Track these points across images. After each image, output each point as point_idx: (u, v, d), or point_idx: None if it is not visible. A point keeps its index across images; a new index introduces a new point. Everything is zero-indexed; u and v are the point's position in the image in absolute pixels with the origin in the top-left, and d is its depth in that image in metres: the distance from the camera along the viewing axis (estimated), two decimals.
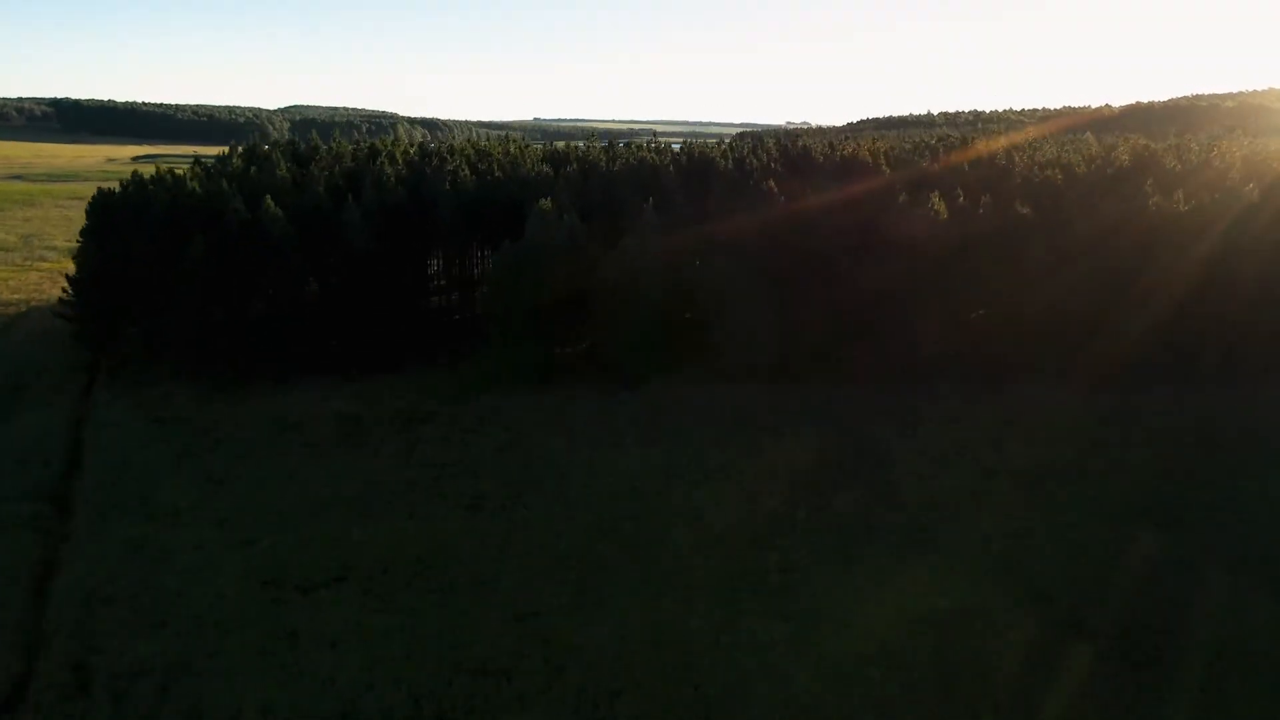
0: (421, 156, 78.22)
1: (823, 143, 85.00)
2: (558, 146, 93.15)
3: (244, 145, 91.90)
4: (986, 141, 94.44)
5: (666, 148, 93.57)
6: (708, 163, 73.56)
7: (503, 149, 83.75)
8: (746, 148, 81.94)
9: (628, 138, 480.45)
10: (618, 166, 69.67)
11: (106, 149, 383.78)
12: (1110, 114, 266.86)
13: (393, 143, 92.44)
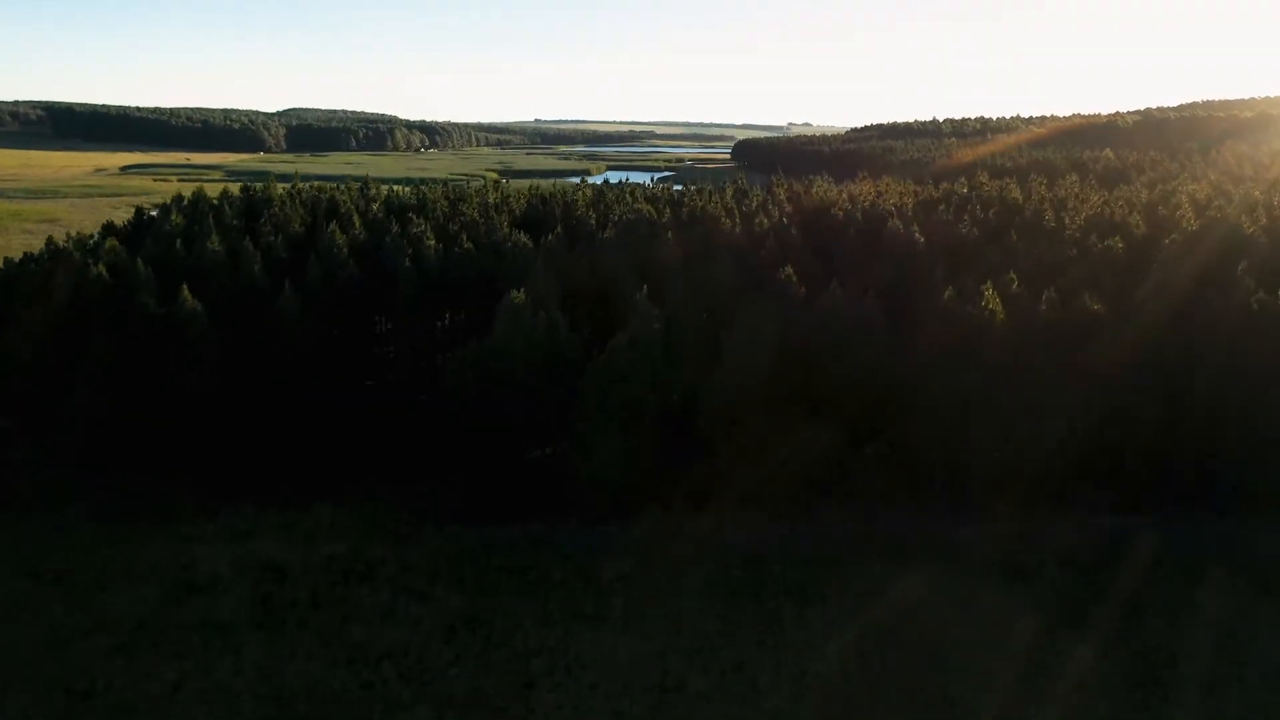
0: (387, 213, 68.15)
1: (841, 195, 74.96)
2: (544, 192, 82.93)
3: (195, 192, 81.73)
4: (1016, 186, 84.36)
5: (664, 191, 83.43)
6: (711, 224, 63.45)
7: (480, 200, 73.63)
8: (754, 201, 71.77)
9: (628, 141, 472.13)
10: (608, 231, 59.51)
11: (97, 156, 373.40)
12: (1124, 124, 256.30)
13: (359, 190, 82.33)
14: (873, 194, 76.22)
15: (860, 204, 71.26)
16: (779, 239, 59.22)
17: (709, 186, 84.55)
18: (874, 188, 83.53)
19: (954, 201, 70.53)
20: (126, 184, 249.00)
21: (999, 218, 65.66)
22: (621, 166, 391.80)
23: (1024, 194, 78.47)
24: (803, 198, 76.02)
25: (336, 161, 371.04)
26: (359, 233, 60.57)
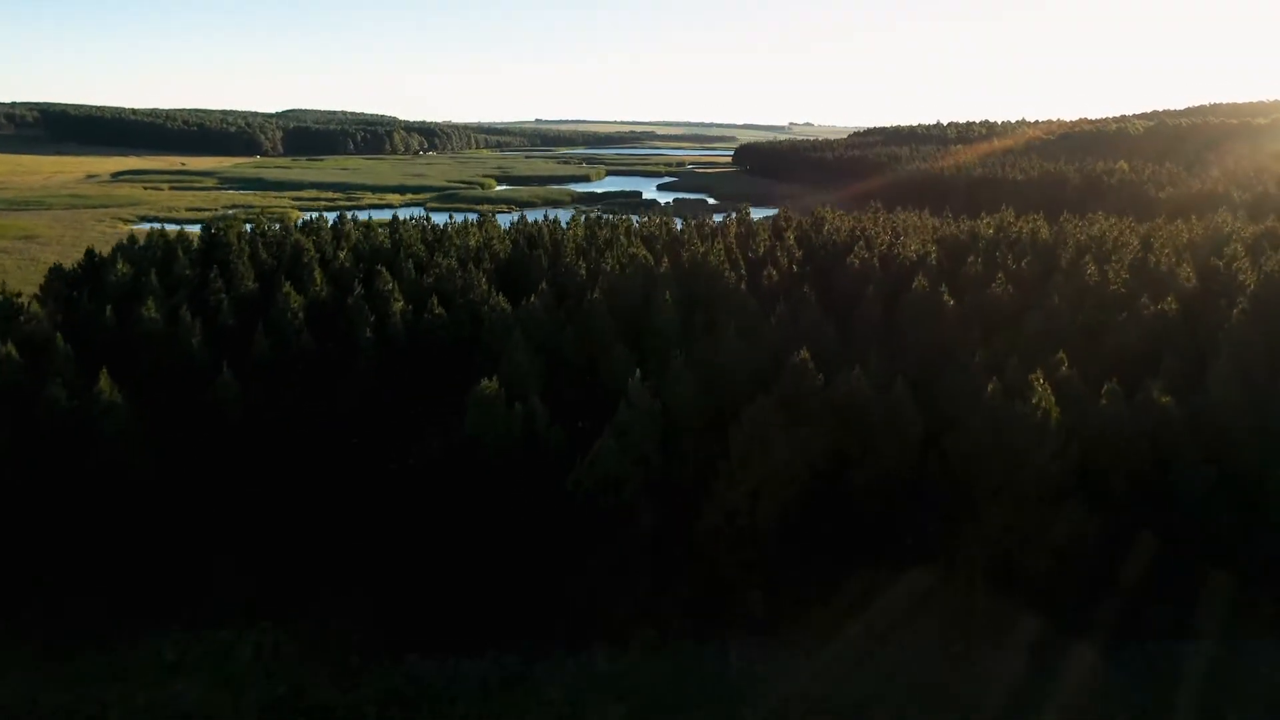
0: (355, 261, 61.21)
1: (855, 233, 67.87)
2: (530, 230, 76.00)
3: (154, 229, 74.70)
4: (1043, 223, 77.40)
5: (662, 229, 76.39)
6: (713, 279, 56.51)
7: (460, 243, 66.70)
8: (761, 244, 64.77)
9: (629, 142, 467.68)
10: (598, 290, 52.49)
11: (90, 161, 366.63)
12: (1135, 131, 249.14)
13: (331, 229, 75.42)
14: (889, 234, 69.31)
15: (877, 248, 64.35)
16: (791, 303, 52.29)
17: (710, 223, 77.63)
18: (890, 224, 76.60)
19: (981, 248, 63.56)
20: (115, 193, 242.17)
21: (1033, 269, 58.74)
22: (622, 171, 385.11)
23: (1055, 234, 71.56)
24: (813, 237, 69.08)
25: (332, 166, 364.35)
26: (319, 290, 53.72)
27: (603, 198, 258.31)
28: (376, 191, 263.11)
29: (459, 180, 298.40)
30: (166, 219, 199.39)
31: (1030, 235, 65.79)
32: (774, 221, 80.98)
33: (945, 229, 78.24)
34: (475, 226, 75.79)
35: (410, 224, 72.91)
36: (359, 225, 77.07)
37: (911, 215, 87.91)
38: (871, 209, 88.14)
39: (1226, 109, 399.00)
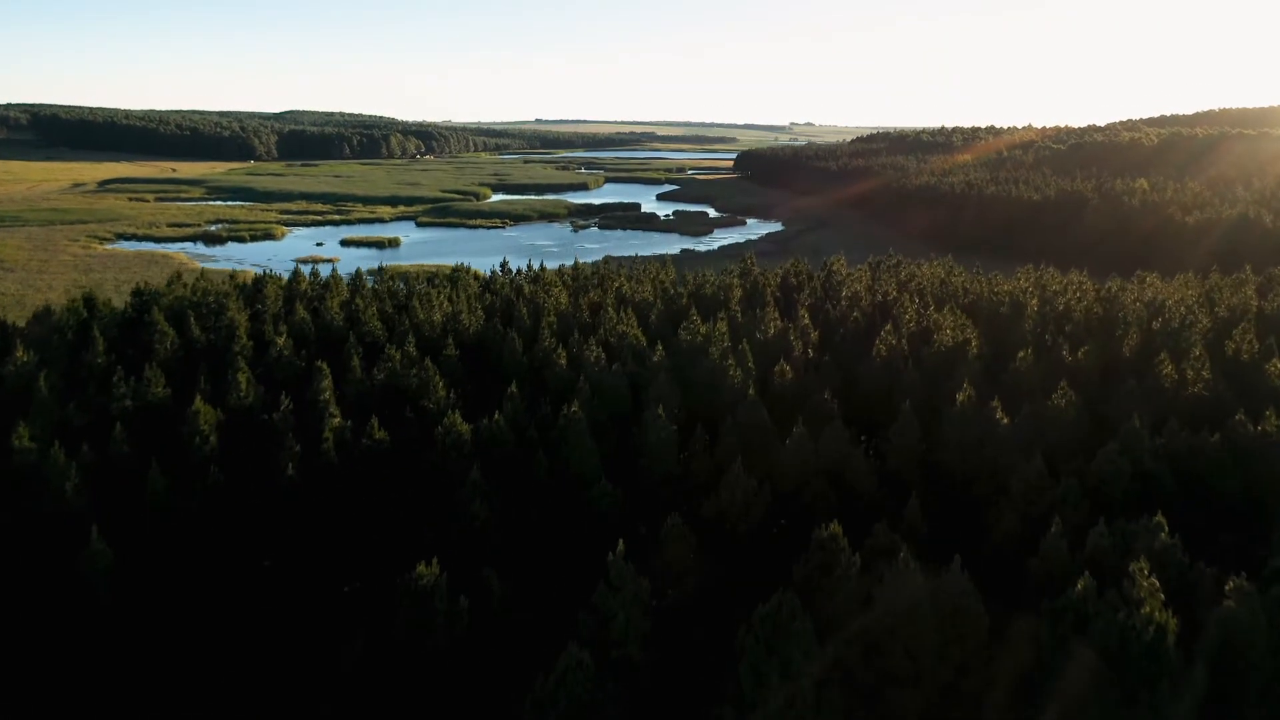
0: (296, 348, 51.74)
1: (880, 307, 58.36)
2: (508, 293, 66.43)
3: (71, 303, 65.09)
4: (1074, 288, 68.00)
5: (657, 290, 66.91)
6: (716, 376, 47.11)
7: (425, 318, 57.25)
8: (770, 320, 55.13)
9: (629, 144, 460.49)
10: (576, 405, 42.95)
11: (79, 168, 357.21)
12: (1148, 144, 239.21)
13: (284, 288, 65.90)
14: (915, 301, 59.87)
15: (904, 327, 54.96)
16: (809, 414, 42.95)
17: (710, 282, 68.17)
18: (912, 283, 67.09)
19: (1027, 329, 54.11)
20: (98, 205, 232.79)
21: (1094, 361, 49.36)
22: (621, 178, 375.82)
23: (1107, 303, 62.17)
24: (829, 310, 59.60)
25: (325, 173, 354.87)
26: (244, 395, 44.38)
27: (600, 210, 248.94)
28: (368, 204, 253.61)
29: (453, 190, 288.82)
30: (145, 237, 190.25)
31: (1084, 312, 56.32)
32: (783, 278, 71.54)
33: (975, 288, 68.85)
34: (444, 290, 66.34)
35: (370, 292, 63.35)
36: (314, 286, 67.60)
37: (934, 267, 78.48)
38: (888, 262, 78.57)
39: (1236, 114, 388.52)
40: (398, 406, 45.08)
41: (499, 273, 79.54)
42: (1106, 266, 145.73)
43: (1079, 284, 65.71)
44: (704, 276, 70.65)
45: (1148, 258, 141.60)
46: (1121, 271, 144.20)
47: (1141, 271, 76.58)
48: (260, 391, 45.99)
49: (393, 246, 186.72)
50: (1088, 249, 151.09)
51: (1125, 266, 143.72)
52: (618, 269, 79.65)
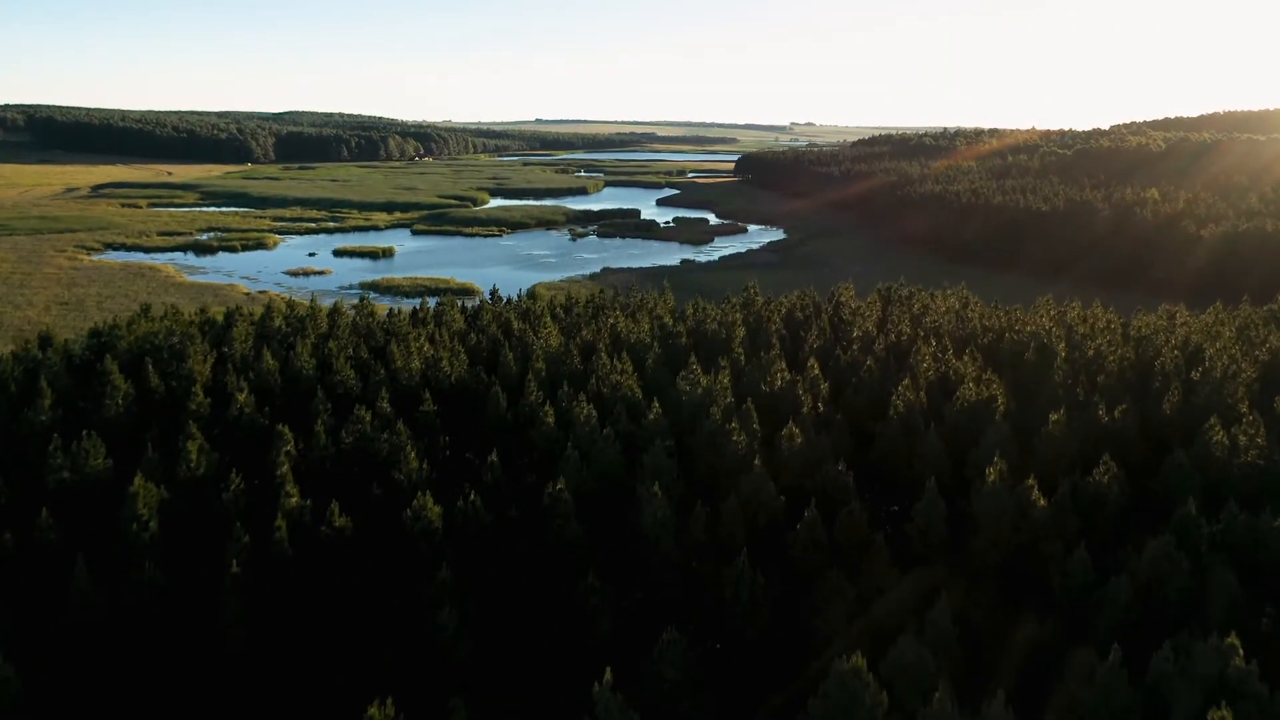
0: (259, 404, 47.09)
1: (892, 337, 53.50)
2: (494, 333, 61.68)
3: (16, 352, 60.41)
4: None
5: (655, 327, 62.21)
6: (718, 440, 42.48)
7: (403, 364, 52.59)
8: (777, 372, 50.38)
9: (629, 145, 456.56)
10: (561, 482, 38.29)
11: (74, 171, 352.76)
12: (1156, 149, 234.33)
13: (255, 328, 61.05)
14: (932, 344, 55.23)
15: (922, 378, 50.32)
16: (820, 486, 38.40)
17: (714, 320, 63.46)
18: (927, 322, 62.37)
19: (1057, 380, 49.43)
20: (88, 213, 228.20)
21: (1133, 421, 44.71)
22: (621, 181, 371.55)
23: (1135, 341, 57.59)
24: (840, 355, 54.92)
25: (322, 177, 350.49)
26: (195, 466, 39.83)
27: (599, 216, 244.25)
28: (363, 210, 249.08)
29: (451, 195, 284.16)
30: (134, 246, 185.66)
31: (1117, 361, 51.62)
32: (789, 313, 66.93)
33: (994, 323, 64.27)
34: (428, 327, 61.76)
35: (347, 329, 58.62)
36: (289, 322, 62.97)
37: (949, 298, 73.79)
38: (899, 292, 73.93)
39: (1241, 117, 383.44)
40: (366, 478, 40.52)
41: (489, 303, 74.97)
42: (1120, 281, 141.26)
43: (1106, 323, 61.08)
44: (704, 310, 66.07)
45: (1163, 273, 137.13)
46: (1136, 287, 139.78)
47: (1168, 305, 71.89)
48: (214, 460, 41.40)
49: (386, 257, 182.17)
50: (1099, 262, 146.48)
51: (1139, 282, 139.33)
52: (613, 299, 75.10)
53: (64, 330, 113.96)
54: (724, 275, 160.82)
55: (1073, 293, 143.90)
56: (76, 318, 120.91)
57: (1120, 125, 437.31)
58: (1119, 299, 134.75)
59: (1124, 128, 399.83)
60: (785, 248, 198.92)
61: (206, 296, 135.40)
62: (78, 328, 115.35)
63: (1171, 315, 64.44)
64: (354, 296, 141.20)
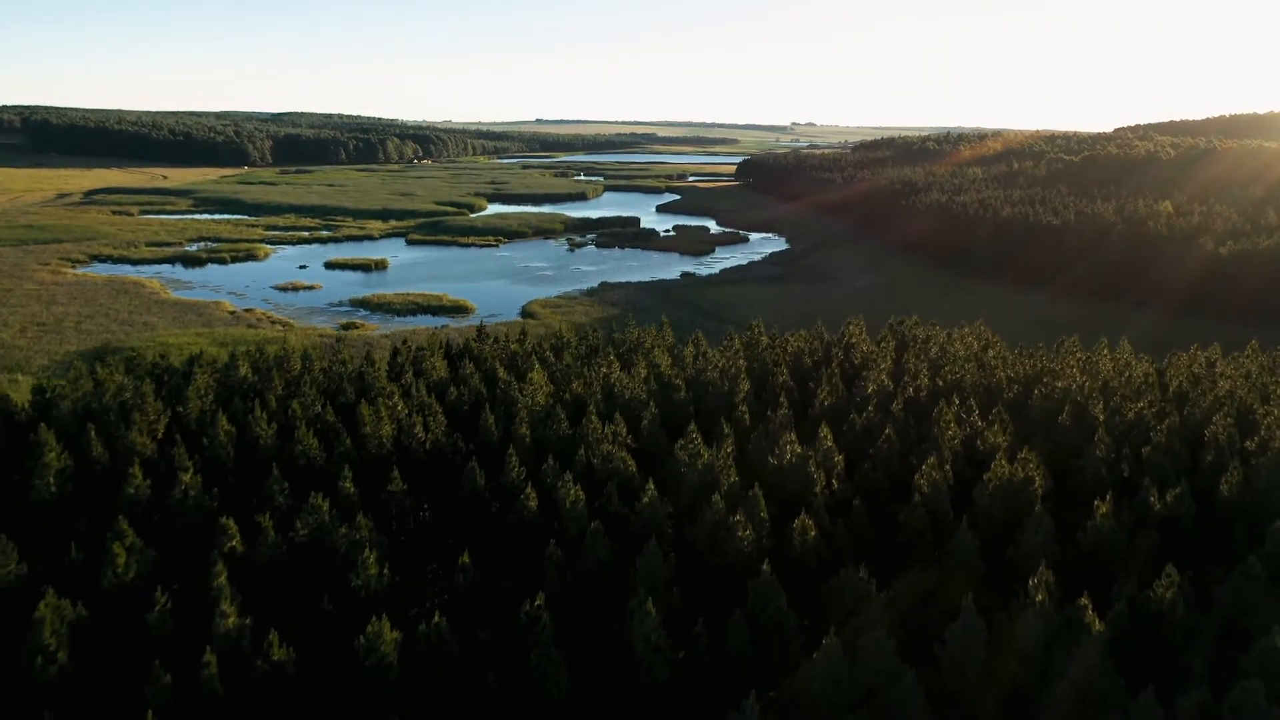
0: (207, 484, 41.79)
1: (907, 391, 48.01)
2: (477, 390, 56.37)
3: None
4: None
5: (652, 384, 56.80)
6: (721, 535, 37.23)
7: (372, 428, 47.24)
8: (788, 444, 45.02)
9: (629, 147, 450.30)
10: (540, 599, 33.03)
11: (67, 175, 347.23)
12: (1166, 157, 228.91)
13: (216, 385, 55.59)
14: (955, 412, 49.93)
15: (947, 456, 45.01)
16: (839, 596, 33.20)
17: (715, 369, 58.16)
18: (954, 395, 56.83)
19: (1097, 440, 44.12)
20: (76, 222, 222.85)
21: (1188, 509, 39.46)
22: (621, 186, 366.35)
23: (1176, 399, 52.31)
24: (856, 420, 49.60)
25: (318, 181, 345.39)
26: (121, 573, 34.64)
27: (598, 225, 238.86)
28: (358, 218, 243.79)
29: (447, 202, 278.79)
30: (121, 259, 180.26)
31: (1164, 433, 46.18)
32: (796, 360, 61.65)
33: (1019, 371, 59.01)
34: (407, 374, 56.48)
35: (313, 393, 53.11)
36: (254, 373, 57.69)
37: (968, 336, 68.49)
38: (913, 332, 68.61)
39: (1247, 120, 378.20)
40: (320, 582, 35.31)
41: (474, 344, 69.72)
42: (1136, 299, 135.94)
43: (1144, 376, 55.74)
44: (705, 357, 60.77)
45: (1181, 291, 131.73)
46: (1154, 305, 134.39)
47: (1198, 348, 66.68)
48: (148, 559, 36.18)
49: (379, 269, 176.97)
50: (1112, 278, 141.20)
51: (1157, 299, 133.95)
52: (608, 341, 69.85)
53: (38, 355, 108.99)
54: (725, 290, 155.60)
55: (1085, 310, 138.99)
56: (53, 341, 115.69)
57: (1124, 128, 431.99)
58: (1135, 317, 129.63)
59: (1129, 131, 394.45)
60: (787, 259, 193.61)
61: (190, 315, 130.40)
62: (53, 352, 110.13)
63: (1211, 364, 59.16)
64: (343, 314, 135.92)
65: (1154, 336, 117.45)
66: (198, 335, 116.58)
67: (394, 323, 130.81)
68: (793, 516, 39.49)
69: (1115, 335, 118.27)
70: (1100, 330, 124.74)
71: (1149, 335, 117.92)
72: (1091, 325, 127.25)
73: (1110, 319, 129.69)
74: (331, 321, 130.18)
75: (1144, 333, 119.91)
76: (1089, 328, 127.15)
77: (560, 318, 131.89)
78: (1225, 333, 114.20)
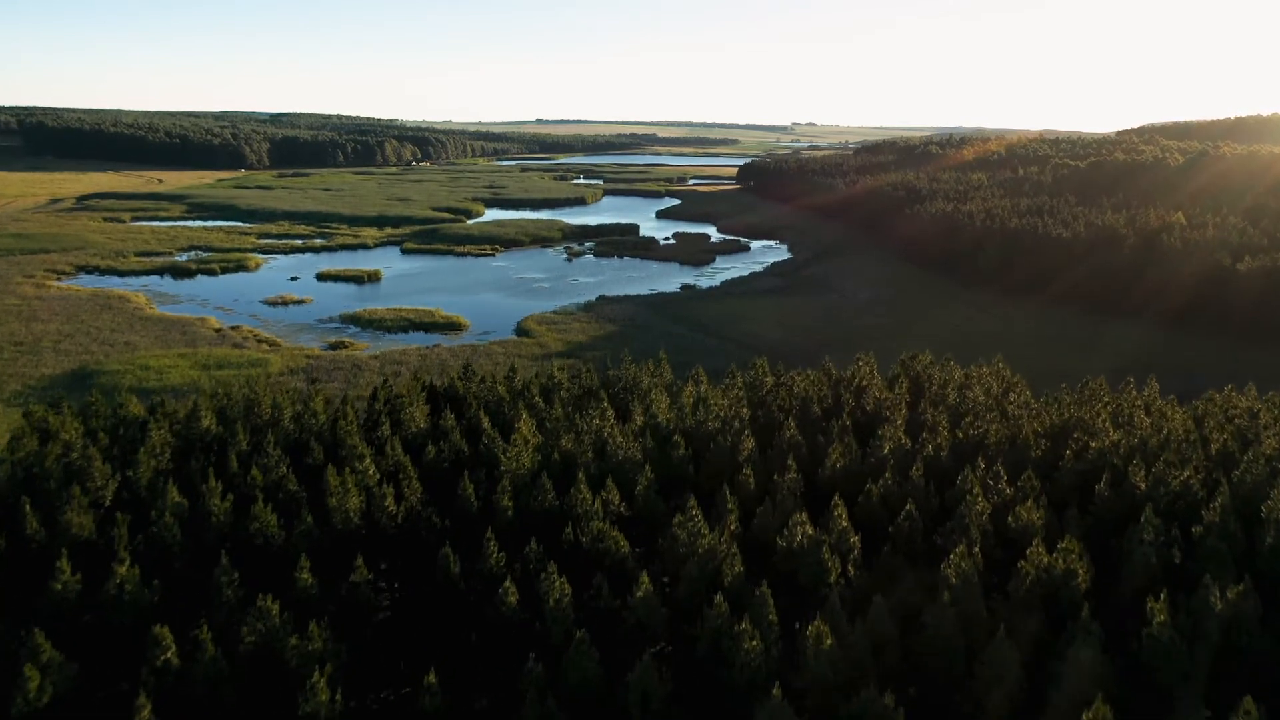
0: (155, 564, 37.10)
1: (929, 457, 43.24)
2: (458, 443, 51.54)
3: None
4: None
5: (644, 440, 52.01)
6: (724, 640, 32.54)
7: (338, 500, 42.48)
8: (799, 525, 40.24)
9: (629, 148, 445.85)
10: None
11: (61, 179, 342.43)
12: (1175, 164, 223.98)
13: (165, 460, 50.66)
14: (982, 479, 45.23)
15: (977, 523, 40.34)
16: None
17: (716, 417, 53.45)
18: (981, 460, 51.95)
19: (1144, 521, 39.40)
20: (66, 230, 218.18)
21: (1252, 608, 34.75)
22: (621, 190, 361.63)
23: (1221, 460, 47.58)
24: (872, 491, 44.90)
25: (315, 185, 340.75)
26: (32, 700, 29.94)
27: (596, 232, 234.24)
28: (354, 225, 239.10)
29: (444, 207, 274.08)
30: (109, 270, 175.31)
31: (1217, 513, 41.42)
32: (803, 406, 56.89)
33: (1044, 422, 54.29)
34: (377, 438, 51.70)
35: (276, 455, 48.22)
36: (218, 425, 52.94)
37: (987, 376, 63.70)
38: (927, 371, 63.90)
39: (1254, 123, 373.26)
40: (263, 710, 30.61)
41: (460, 383, 65.02)
42: (1152, 315, 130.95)
43: (1182, 432, 50.88)
44: (706, 407, 56.00)
45: (1198, 309, 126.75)
46: (1173, 323, 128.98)
47: (1232, 390, 61.99)
48: (70, 675, 31.48)
49: (373, 281, 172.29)
50: (1124, 292, 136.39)
51: (1175, 317, 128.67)
52: (602, 383, 65.10)
53: (11, 380, 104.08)
54: (727, 304, 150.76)
55: (1097, 325, 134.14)
56: (29, 363, 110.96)
57: (1129, 131, 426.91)
58: (1153, 335, 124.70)
59: (1134, 134, 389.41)
60: (790, 269, 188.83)
61: (174, 334, 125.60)
62: (27, 376, 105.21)
63: (1253, 415, 54.43)
64: (332, 331, 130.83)
65: (1176, 356, 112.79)
66: (179, 357, 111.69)
67: (384, 341, 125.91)
68: (804, 612, 34.86)
69: (1130, 352, 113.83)
70: (1114, 347, 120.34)
71: (1169, 354, 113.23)
72: (1105, 341, 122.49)
73: (1124, 335, 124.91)
74: (320, 340, 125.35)
75: (1161, 350, 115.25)
76: (1102, 344, 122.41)
77: (556, 335, 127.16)
78: (1249, 357, 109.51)
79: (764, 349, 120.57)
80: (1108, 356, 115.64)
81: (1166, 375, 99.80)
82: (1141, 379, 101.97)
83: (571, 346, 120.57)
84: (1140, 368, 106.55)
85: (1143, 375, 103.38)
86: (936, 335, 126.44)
